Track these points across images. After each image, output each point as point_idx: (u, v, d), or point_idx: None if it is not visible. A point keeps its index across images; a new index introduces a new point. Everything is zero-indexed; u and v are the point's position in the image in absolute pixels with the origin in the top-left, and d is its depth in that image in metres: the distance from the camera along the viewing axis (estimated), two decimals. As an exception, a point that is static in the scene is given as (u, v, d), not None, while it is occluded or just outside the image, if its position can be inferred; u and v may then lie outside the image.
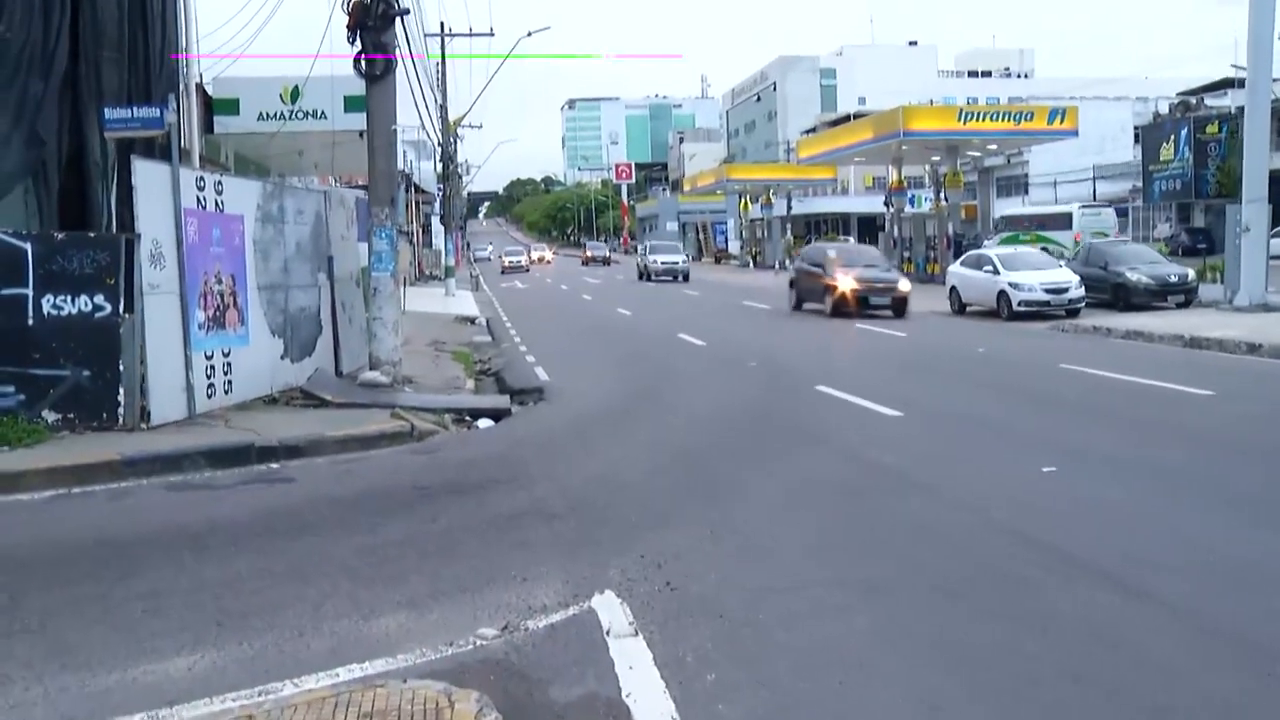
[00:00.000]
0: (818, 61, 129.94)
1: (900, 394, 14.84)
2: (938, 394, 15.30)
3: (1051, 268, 28.51)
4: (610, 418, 14.19)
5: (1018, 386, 16.01)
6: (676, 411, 14.51)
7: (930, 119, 45.67)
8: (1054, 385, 15.81)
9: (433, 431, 13.13)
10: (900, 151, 49.44)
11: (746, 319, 30.99)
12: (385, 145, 16.62)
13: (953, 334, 24.57)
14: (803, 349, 22.04)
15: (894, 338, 23.69)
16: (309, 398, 14.75)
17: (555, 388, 17.04)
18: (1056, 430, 12.17)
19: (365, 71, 16.17)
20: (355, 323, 17.84)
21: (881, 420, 13.08)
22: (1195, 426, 12.25)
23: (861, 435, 12.12)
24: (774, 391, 16.03)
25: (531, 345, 24.28)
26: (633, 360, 21.10)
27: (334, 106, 22.70)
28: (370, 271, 16.62)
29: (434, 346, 23.16)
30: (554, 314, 37.16)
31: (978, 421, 12.92)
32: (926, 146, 47.01)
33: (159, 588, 7.13)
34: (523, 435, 13.09)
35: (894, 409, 13.57)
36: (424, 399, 15.19)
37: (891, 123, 44.93)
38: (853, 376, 17.00)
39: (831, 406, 14.29)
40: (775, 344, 23.00)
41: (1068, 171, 69.76)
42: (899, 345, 22.27)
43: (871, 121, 49.58)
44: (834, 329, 26.43)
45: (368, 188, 16.99)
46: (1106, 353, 19.58)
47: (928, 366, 18.64)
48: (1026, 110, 45.97)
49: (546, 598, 6.73)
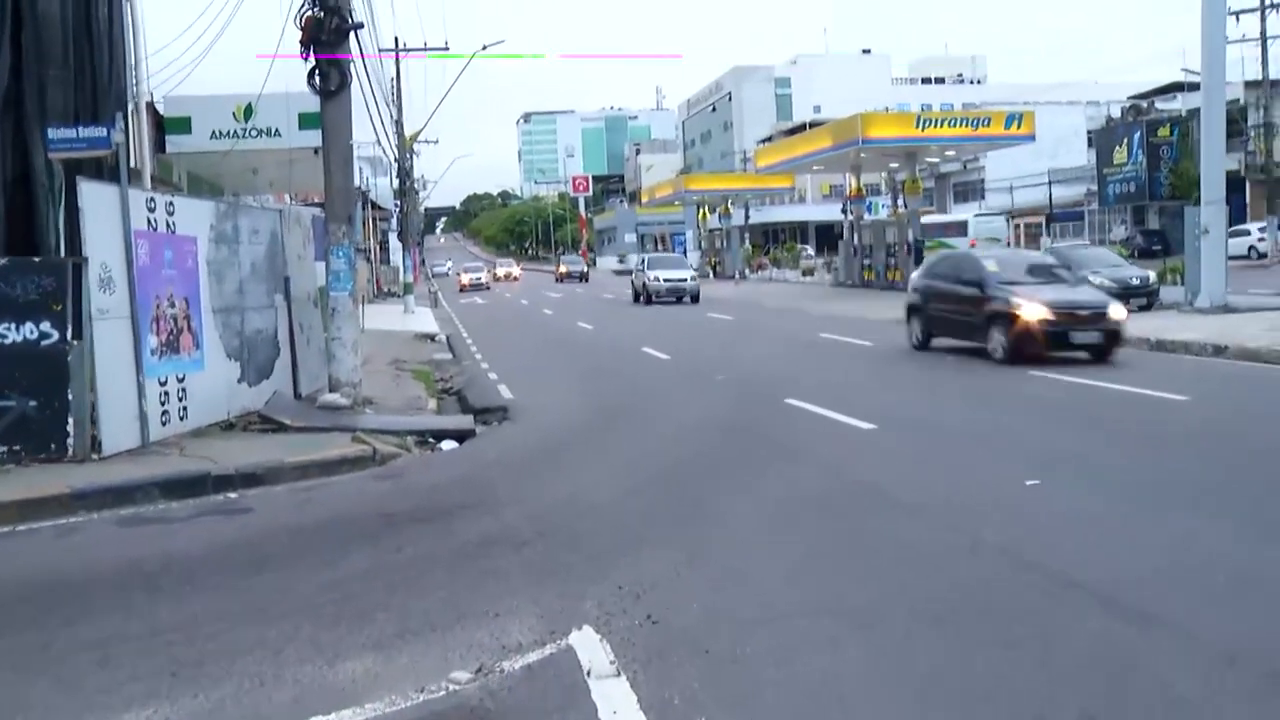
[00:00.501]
0: (773, 71, 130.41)
1: (872, 405, 14.63)
2: (909, 405, 15.09)
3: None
4: (578, 436, 13.94)
5: (990, 395, 15.83)
6: (647, 429, 14.27)
7: (889, 126, 45.69)
8: (1027, 393, 15.65)
9: (395, 455, 12.85)
10: (859, 159, 49.50)
11: (710, 331, 30.73)
12: (341, 162, 16.27)
13: (918, 342, 24.25)
14: (767, 361, 21.83)
15: (860, 347, 23.52)
16: (267, 422, 14.39)
17: (520, 406, 16.82)
18: (1035, 440, 11.96)
19: (319, 87, 15.79)
20: (314, 344, 17.48)
21: (855, 434, 12.84)
22: (1175, 433, 12.07)
23: (837, 450, 11.90)
24: (743, 406, 15.79)
25: (494, 361, 24.04)
26: (598, 375, 20.89)
27: (289, 123, 22.32)
28: (328, 291, 16.29)
29: (394, 365, 22.86)
30: (515, 328, 36.86)
31: (953, 432, 12.69)
32: (885, 154, 47.05)
33: (108, 634, 6.71)
34: (488, 457, 12.81)
35: (867, 421, 13.34)
36: (385, 421, 14.90)
37: (850, 130, 44.88)
38: (822, 388, 16.82)
39: (803, 420, 14.05)
40: (740, 354, 22.80)
41: (1024, 176, 70.18)
42: (864, 356, 22.08)
43: (830, 129, 49.54)
44: (798, 340, 26.14)
45: (324, 205, 16.62)
46: (1071, 356, 19.41)
47: (896, 376, 18.48)
48: (984, 116, 46.07)
49: (521, 635, 6.38)
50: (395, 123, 46.79)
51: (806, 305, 39.56)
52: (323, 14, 15.43)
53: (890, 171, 53.92)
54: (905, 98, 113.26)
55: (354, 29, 16.20)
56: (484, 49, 45.62)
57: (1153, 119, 61.00)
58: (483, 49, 45.50)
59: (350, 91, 16.22)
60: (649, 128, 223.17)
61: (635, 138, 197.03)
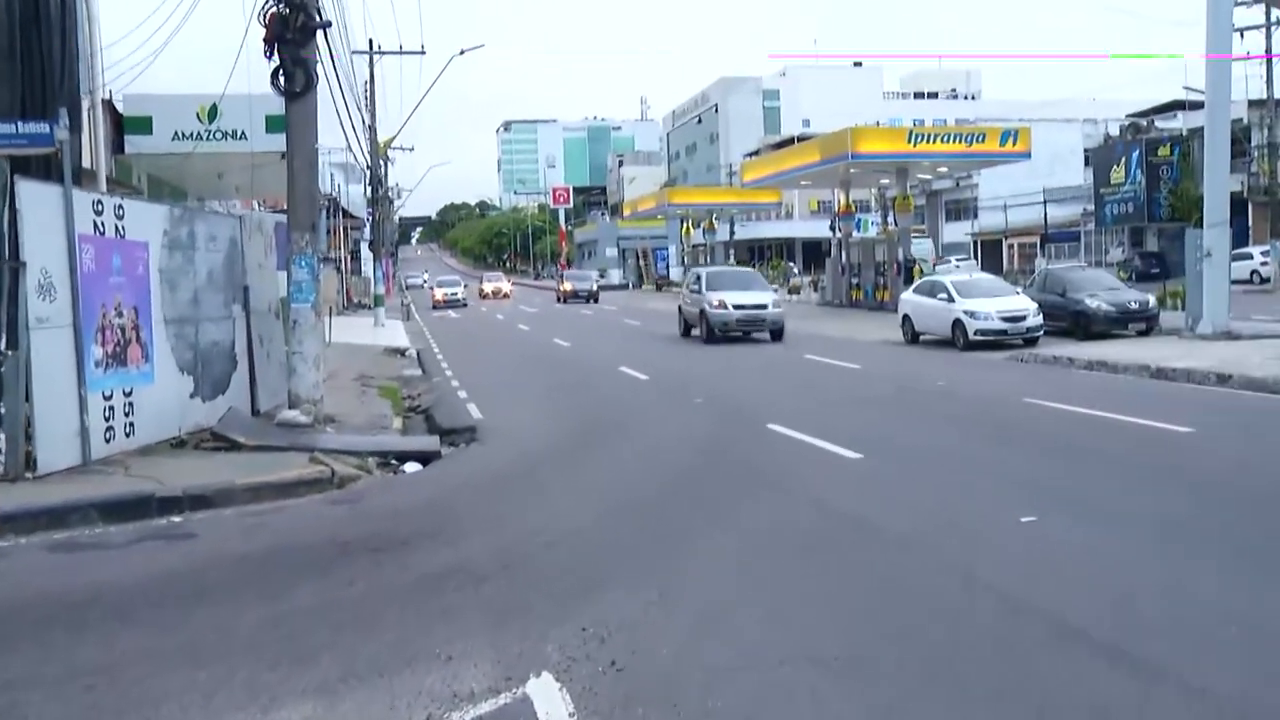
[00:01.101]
0: (760, 82, 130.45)
1: (858, 432, 14.44)
2: (899, 432, 14.84)
3: (1008, 295, 28.30)
4: (549, 460, 13.75)
5: (983, 423, 15.61)
6: (621, 453, 14.08)
7: (880, 141, 45.62)
8: (1021, 422, 15.43)
9: (355, 477, 12.66)
10: (848, 174, 49.44)
11: (690, 350, 30.49)
12: (306, 167, 16.07)
13: (908, 365, 24.26)
14: (749, 383, 21.68)
15: (847, 370, 23.30)
16: (220, 440, 14.10)
17: (489, 426, 16.68)
18: (1030, 472, 11.71)
19: (284, 88, 15.56)
20: (274, 358, 17.28)
21: (841, 463, 12.61)
22: (1180, 468, 11.79)
23: (820, 480, 11.66)
24: (724, 430, 15.62)
25: (464, 379, 23.87)
26: (571, 394, 20.79)
27: (255, 126, 21.99)
28: (290, 302, 16.10)
29: (360, 381, 22.72)
30: (490, 344, 36.63)
31: (944, 464, 12.43)
32: (875, 169, 47.01)
33: (18, 677, 6.32)
34: (452, 481, 12.63)
35: (853, 450, 13.14)
36: (347, 440, 14.71)
37: (840, 144, 44.80)
38: (805, 413, 16.65)
39: (786, 448, 13.83)
40: (721, 377, 22.64)
41: (1018, 195, 70.18)
42: (852, 379, 21.87)
43: (819, 143, 49.46)
44: (782, 361, 25.98)
45: (287, 212, 16.40)
46: (1070, 385, 19.25)
47: (885, 401, 18.29)
48: (978, 132, 46.03)
49: (475, 681, 6.06)
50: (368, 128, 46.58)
51: (791, 325, 39.13)
52: (288, 10, 15.17)
53: (881, 188, 53.95)
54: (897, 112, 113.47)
55: (322, 27, 15.97)
56: (462, 53, 45.35)
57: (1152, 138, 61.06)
58: (460, 53, 45.21)
59: (316, 93, 16.01)
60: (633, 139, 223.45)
61: (618, 149, 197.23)
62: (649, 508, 10.66)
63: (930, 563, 8.20)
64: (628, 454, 14.01)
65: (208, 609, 7.65)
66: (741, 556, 8.67)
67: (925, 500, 10.50)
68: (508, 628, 6.96)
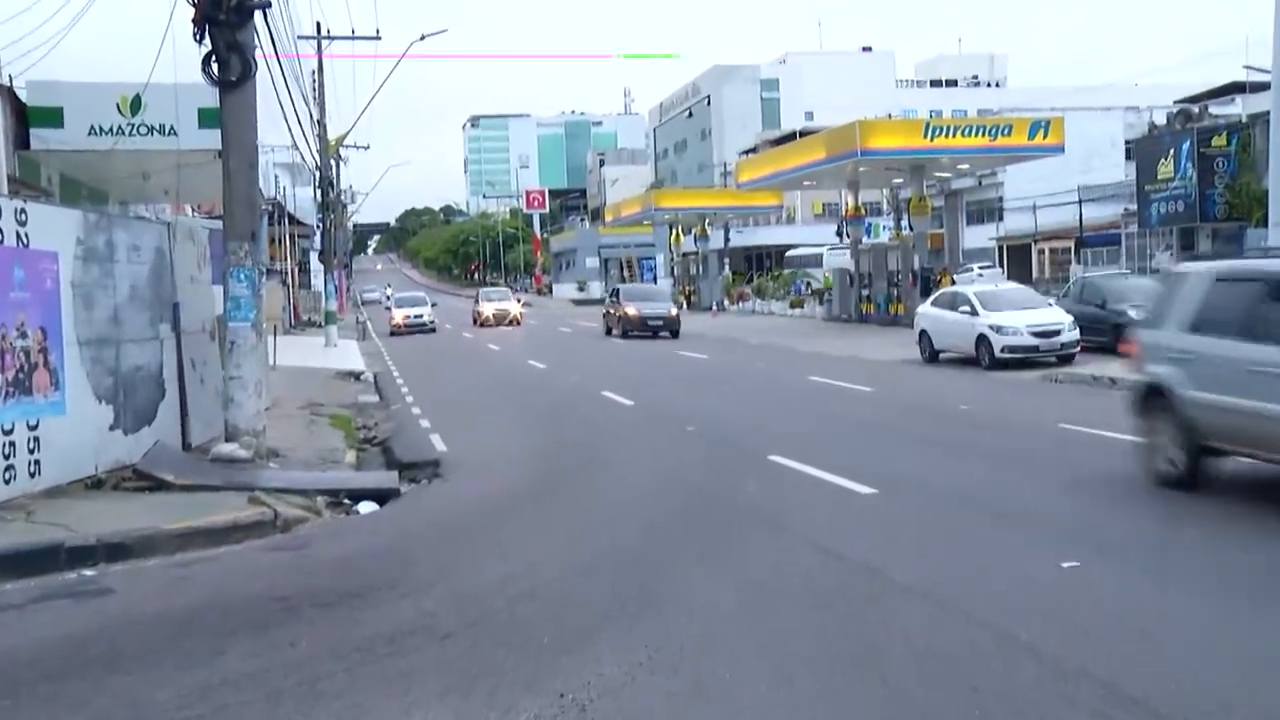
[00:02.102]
0: (758, 71, 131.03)
1: (871, 465, 14.35)
2: (917, 464, 14.75)
3: (1040, 307, 28.32)
4: (522, 499, 13.67)
5: (1013, 453, 15.54)
6: (604, 491, 14.02)
7: (892, 135, 45.53)
8: (1057, 451, 15.36)
9: (301, 519, 12.58)
10: (857, 174, 49.39)
11: (683, 373, 30.43)
12: (245, 166, 15.97)
13: (926, 387, 24.27)
14: (746, 409, 21.70)
15: (857, 393, 23.24)
16: (144, 479, 13.91)
17: (454, 460, 16.71)
18: (1069, 509, 11.59)
19: (218, 77, 15.44)
20: (208, 384, 17.16)
21: (851, 500, 12.51)
22: (1245, 511, 11.58)
23: (828, 519, 11.56)
24: (719, 463, 15.57)
25: (427, 406, 23.91)
26: (548, 422, 20.81)
27: (185, 120, 21.79)
28: (227, 321, 16.01)
29: (309, 409, 22.72)
30: (456, 365, 36.68)
31: (969, 499, 12.32)
32: (888, 168, 46.90)
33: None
34: (412, 523, 12.58)
35: (865, 484, 13.06)
36: (292, 477, 14.64)
37: (847, 140, 44.70)
38: (811, 443, 16.62)
39: (789, 482, 13.77)
40: (716, 403, 22.66)
41: (1049, 194, 70.00)
42: (863, 403, 21.82)
43: (824, 139, 49.38)
44: (785, 385, 25.88)
45: (223, 218, 16.35)
46: (1113, 408, 19.05)
47: (900, 429, 18.25)
48: (1004, 124, 45.92)
49: (435, 761, 5.87)
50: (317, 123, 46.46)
51: (795, 342, 39.34)
52: (221, -15, 15.01)
53: (894, 188, 53.87)
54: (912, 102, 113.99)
55: (261, 7, 15.88)
56: (423, 38, 45.29)
57: (1206, 126, 60.61)
58: (421, 38, 45.17)
59: (255, 83, 15.89)
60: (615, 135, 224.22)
61: (599, 146, 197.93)
62: (635, 554, 10.56)
63: (957, 618, 8.01)
64: (611, 491, 13.96)
65: (121, 679, 7.44)
66: (740, 611, 8.53)
67: (949, 543, 10.39)
68: (473, 695, 6.85)
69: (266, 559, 11.01)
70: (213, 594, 9.61)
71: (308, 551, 11.24)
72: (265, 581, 9.95)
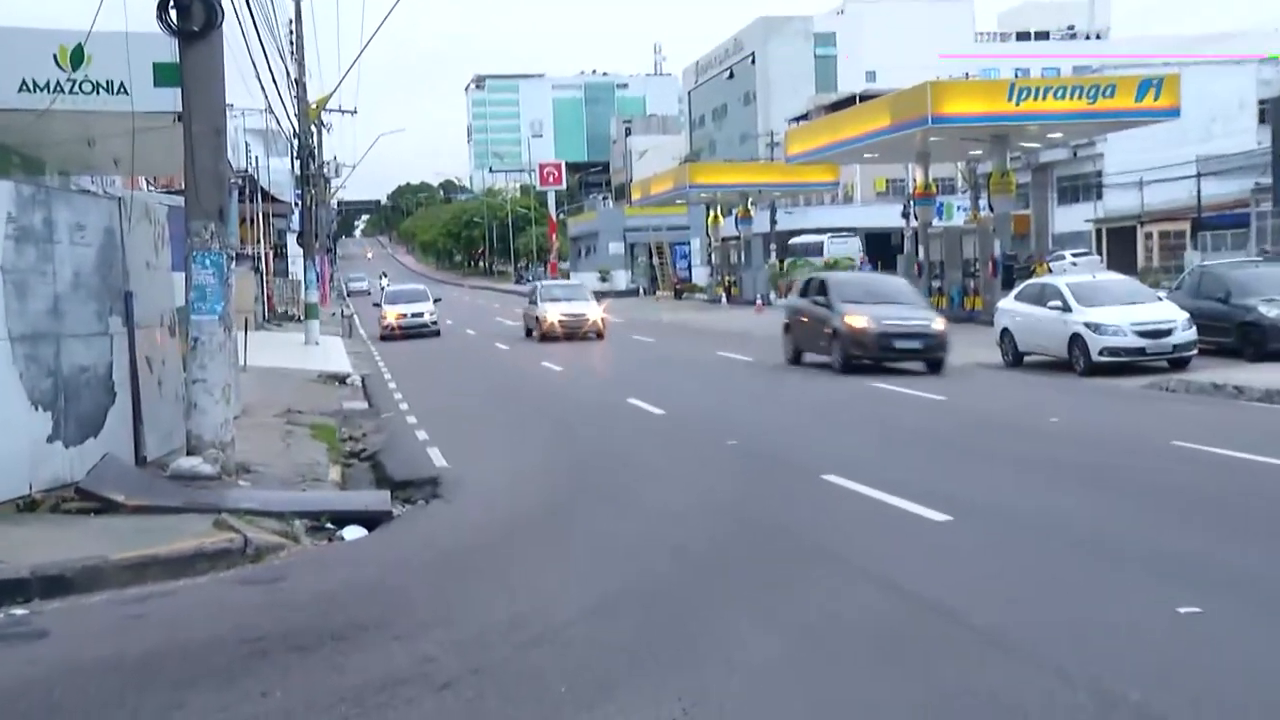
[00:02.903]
0: (811, 24, 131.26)
1: (944, 487, 14.36)
2: (998, 487, 14.76)
3: (1147, 301, 28.16)
4: (534, 525, 13.73)
5: (1115, 474, 15.46)
6: (629, 515, 14.01)
7: (970, 99, 45.50)
8: (1169, 474, 15.32)
9: (276, 547, 12.60)
10: (927, 144, 49.37)
11: (723, 377, 30.44)
12: (210, 133, 16.06)
13: (1009, 396, 24.32)
14: (798, 420, 21.76)
15: (927, 403, 23.16)
16: (90, 499, 13.94)
17: (456, 478, 16.72)
18: (1185, 544, 11.53)
19: (177, 25, 15.49)
20: (167, 387, 17.22)
21: (921, 528, 12.49)
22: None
23: (894, 551, 11.54)
24: (765, 483, 15.62)
25: (424, 414, 24.00)
26: (565, 434, 20.90)
27: (138, 77, 21.63)
28: (189, 314, 16.06)
29: (286, 418, 22.88)
30: (457, 368, 36.80)
31: (1063, 530, 12.28)
32: (964, 137, 46.82)
33: None
34: (406, 552, 12.59)
35: (938, 510, 13.01)
36: (265, 497, 14.68)
37: (916, 104, 44.72)
38: (873, 460, 16.67)
39: (848, 507, 13.79)
40: (763, 413, 22.71)
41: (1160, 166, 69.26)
42: (935, 414, 21.77)
43: (888, 104, 49.41)
44: (843, 392, 25.91)
45: (185, 194, 16.34)
46: (1239, 423, 19.09)
47: (978, 445, 18.28)
48: (1106, 84, 45.65)
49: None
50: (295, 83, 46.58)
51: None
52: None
53: (971, 161, 53.74)
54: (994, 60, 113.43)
55: (230, -53, 15.84)
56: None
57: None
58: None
59: (222, 34, 15.97)
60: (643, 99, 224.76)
61: (625, 112, 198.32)
62: (665, 591, 10.58)
63: (1049, 673, 7.97)
64: (638, 516, 13.97)
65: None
66: (789, 660, 8.53)
67: (1039, 581, 10.34)
68: (475, 759, 6.84)
69: (235, 594, 11.02)
70: (169, 636, 9.61)
71: (283, 585, 11.26)
72: (233, 620, 9.96)
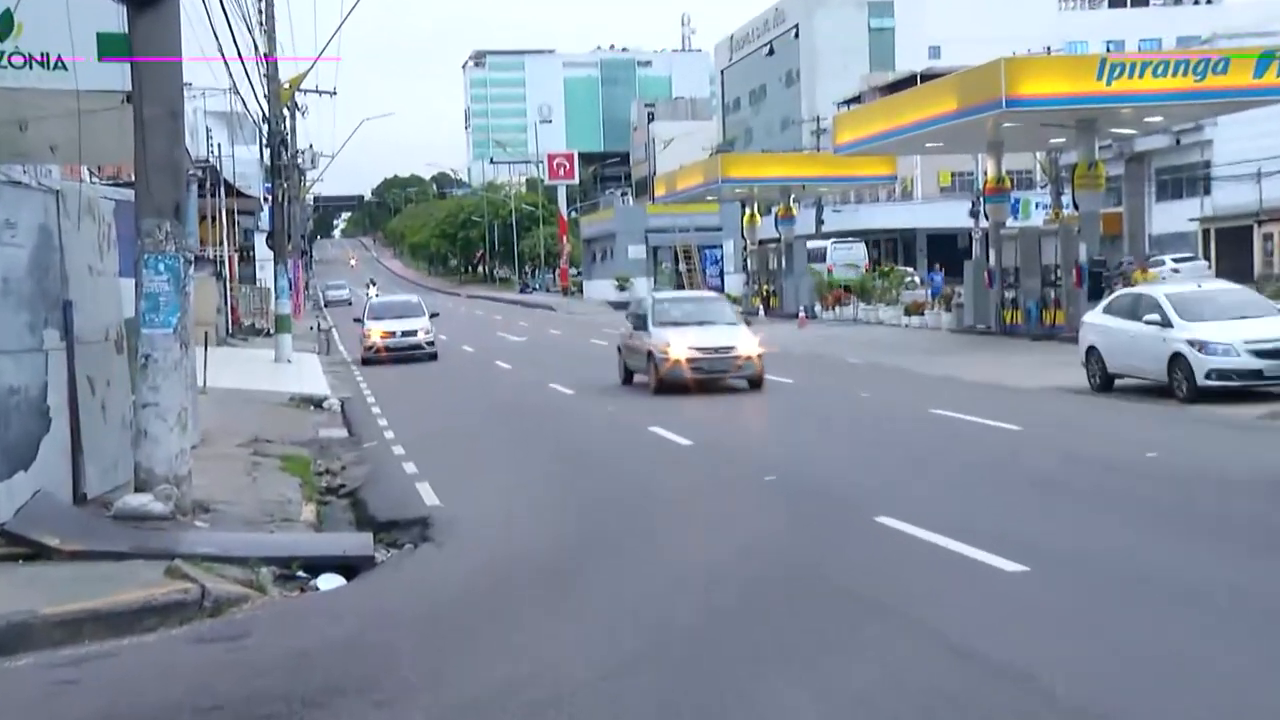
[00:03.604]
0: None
1: (1019, 532, 14.38)
2: (1082, 532, 14.67)
3: (1264, 315, 27.83)
4: (538, 574, 13.73)
5: (1227, 520, 15.37)
6: (649, 564, 14.03)
7: (1052, 78, 45.20)
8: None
9: (239, 598, 12.65)
10: (1000, 132, 49.21)
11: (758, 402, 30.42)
12: (165, 116, 16.14)
13: (1096, 426, 24.23)
14: (849, 452, 21.81)
15: (999, 433, 23.07)
16: (18, 543, 13.94)
17: (449, 519, 16.78)
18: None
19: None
20: (112, 413, 17.23)
21: (992, 580, 12.45)
22: None
23: (960, 606, 11.54)
24: (808, 527, 15.63)
25: (413, 444, 24.10)
26: (576, 467, 21.01)
27: (81, 49, 21.68)
28: (140, 327, 16.05)
29: (252, 448, 23.01)
30: (452, 389, 37.07)
31: (1162, 584, 12.25)
32: (1045, 123, 46.63)
33: None
34: (391, 605, 12.68)
35: (1011, 559, 12.93)
36: (227, 541, 14.74)
37: (988, 84, 44.54)
38: (934, 500, 16.71)
39: (905, 554, 13.79)
40: (807, 444, 22.79)
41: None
42: (1008, 447, 21.72)
43: (954, 84, 49.33)
44: (900, 421, 25.91)
45: (136, 187, 16.37)
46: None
47: (1060, 484, 18.14)
48: (1215, 59, 45.30)
49: None
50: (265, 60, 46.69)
51: (912, 362, 39.29)
52: None
53: (1052, 151, 53.63)
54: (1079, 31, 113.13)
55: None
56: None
57: None
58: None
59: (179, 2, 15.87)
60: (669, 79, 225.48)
61: (647, 94, 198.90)
62: (691, 651, 10.55)
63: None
64: (660, 563, 13.99)
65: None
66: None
67: (1135, 646, 10.27)
68: None
69: (189, 654, 11.02)
70: (111, 704, 9.64)
71: (248, 643, 11.27)
72: (185, 685, 9.97)
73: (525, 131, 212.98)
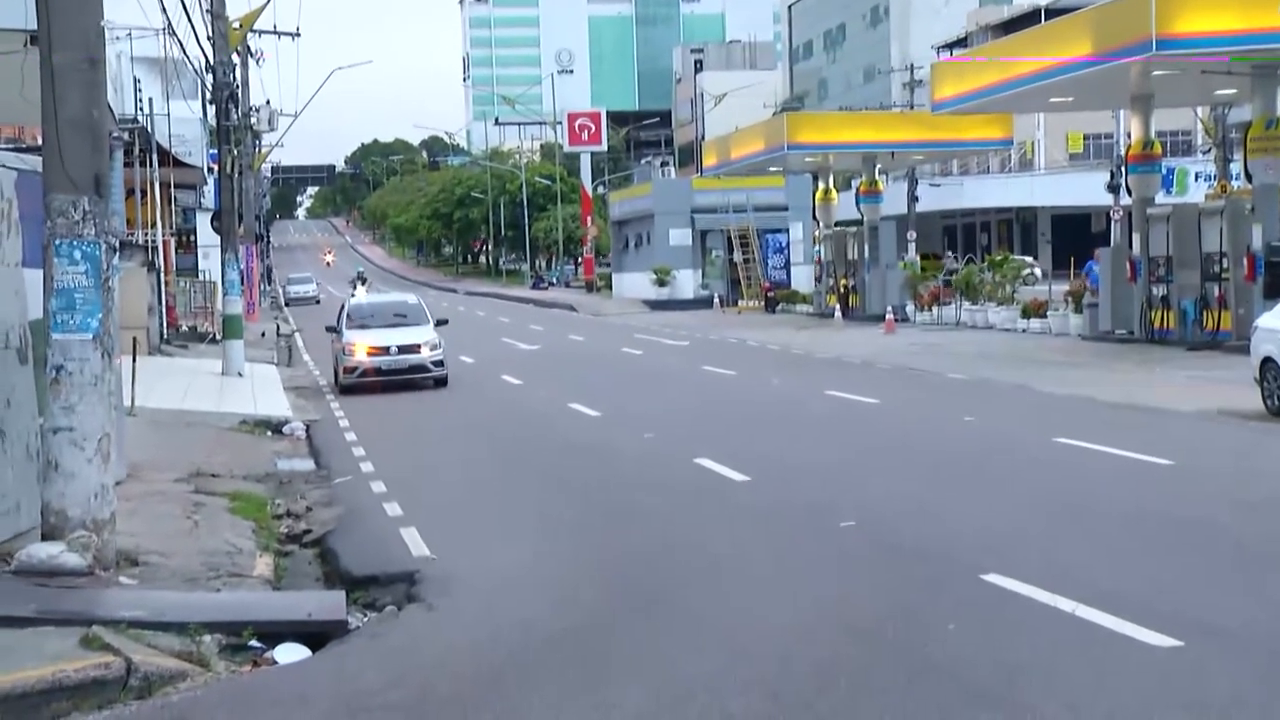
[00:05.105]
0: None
1: (1170, 598, 14.32)
2: (1254, 599, 14.52)
3: None
4: (554, 648, 13.67)
5: None
6: (697, 636, 13.98)
7: (1218, 9, 44.59)
8: None
9: (177, 675, 12.67)
10: (1149, 82, 48.90)
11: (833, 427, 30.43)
12: (80, 64, 16.16)
13: (1272, 460, 24.10)
14: (947, 492, 21.71)
15: (1145, 469, 22.94)
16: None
17: (442, 573, 16.87)
18: None
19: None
20: (13, 438, 17.23)
21: (1136, 656, 12.40)
22: None
23: (1095, 690, 11.47)
24: (896, 588, 15.57)
25: (396, 479, 24.18)
26: (601, 509, 21.13)
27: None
28: (51, 331, 16.14)
29: (193, 484, 23.14)
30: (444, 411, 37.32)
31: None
32: (1208, 70, 46.33)
33: None
34: (367, 684, 12.61)
35: (1162, 632, 12.88)
36: (161, 601, 14.83)
37: (1132, 21, 44.25)
38: (1059, 554, 16.65)
39: (1020, 621, 13.78)
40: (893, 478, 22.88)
41: None
42: (1155, 486, 21.62)
43: (1089, 21, 49.16)
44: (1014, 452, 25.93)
45: (43, 152, 16.46)
46: None
47: (1221, 534, 18.04)
48: None
49: None
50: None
51: (1029, 377, 39.13)
52: None
53: (1218, 107, 53.12)
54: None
55: None
56: None
57: None
58: None
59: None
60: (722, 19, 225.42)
61: (693, 38, 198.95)
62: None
63: None
64: (712, 638, 13.90)
65: None
66: None
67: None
68: None
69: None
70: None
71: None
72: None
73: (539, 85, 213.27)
